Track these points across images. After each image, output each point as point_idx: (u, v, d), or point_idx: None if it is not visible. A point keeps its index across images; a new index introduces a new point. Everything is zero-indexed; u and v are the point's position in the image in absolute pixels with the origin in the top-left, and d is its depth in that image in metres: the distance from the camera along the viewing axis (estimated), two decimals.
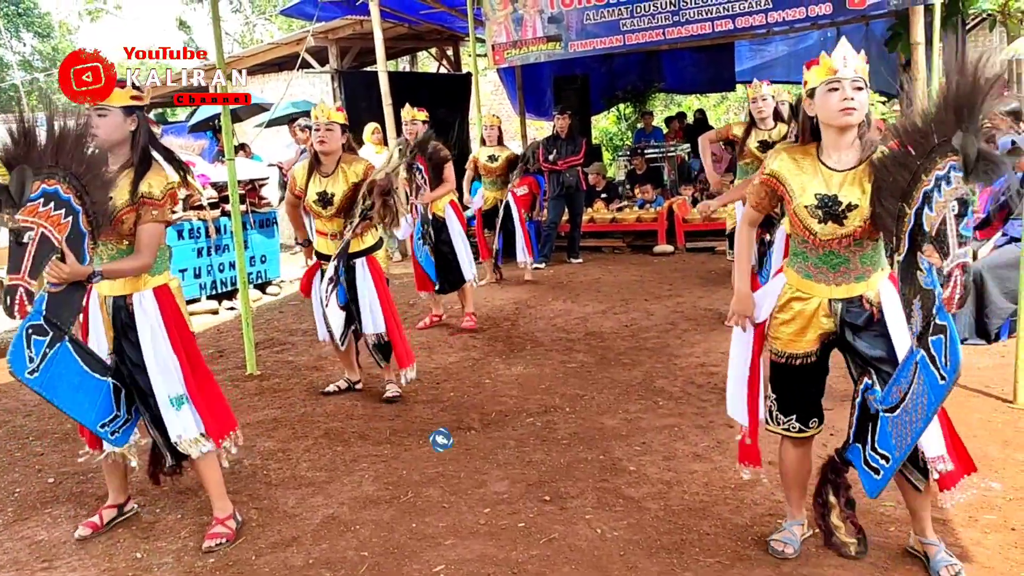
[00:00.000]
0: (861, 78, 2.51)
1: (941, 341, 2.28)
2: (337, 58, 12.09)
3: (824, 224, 2.56)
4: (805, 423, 2.80)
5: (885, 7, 7.82)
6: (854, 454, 2.67)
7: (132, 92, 3.05)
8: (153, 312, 3.08)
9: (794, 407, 2.80)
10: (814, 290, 2.67)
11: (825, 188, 2.57)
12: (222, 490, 3.29)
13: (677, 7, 8.71)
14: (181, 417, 3.08)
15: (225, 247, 8.07)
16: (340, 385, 5.03)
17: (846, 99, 2.49)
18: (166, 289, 3.15)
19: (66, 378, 2.89)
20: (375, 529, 3.23)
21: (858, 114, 2.50)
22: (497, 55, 9.93)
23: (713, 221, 9.66)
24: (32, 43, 29.78)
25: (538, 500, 3.40)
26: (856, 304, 2.63)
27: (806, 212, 2.59)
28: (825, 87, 2.54)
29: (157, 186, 3.02)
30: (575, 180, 9.28)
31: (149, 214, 3.00)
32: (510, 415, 4.47)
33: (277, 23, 26.07)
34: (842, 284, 2.63)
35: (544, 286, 8.18)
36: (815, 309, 2.68)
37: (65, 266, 2.75)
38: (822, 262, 2.64)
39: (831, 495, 2.82)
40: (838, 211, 2.53)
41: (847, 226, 2.54)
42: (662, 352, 5.54)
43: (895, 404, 2.45)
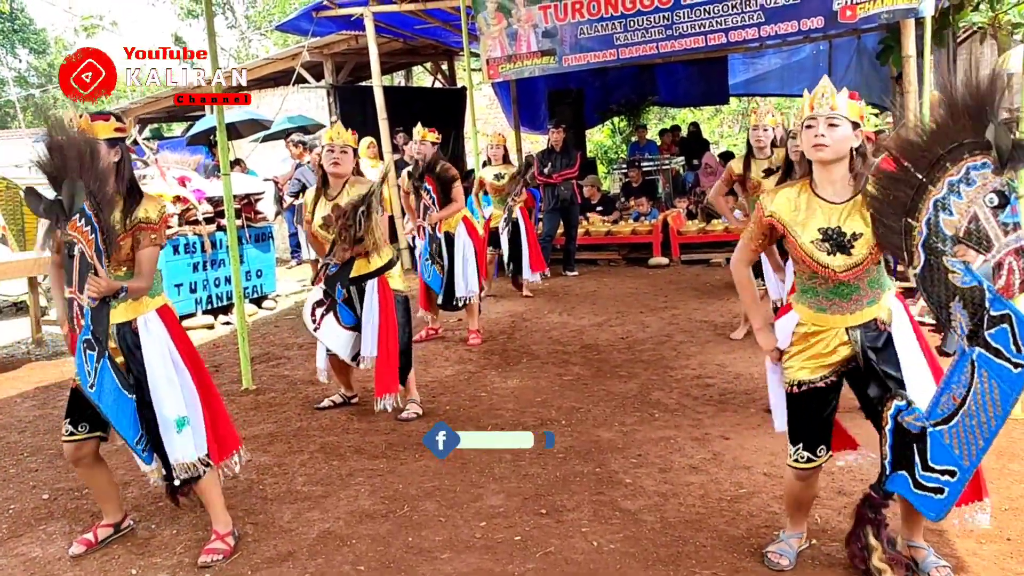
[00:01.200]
0: (838, 115, 2.54)
1: (1005, 331, 2.23)
2: (332, 73, 12.15)
3: (833, 256, 2.58)
4: (813, 451, 2.75)
5: (876, 21, 7.88)
6: (898, 484, 2.53)
7: (116, 124, 3.08)
8: (161, 333, 3.11)
9: (803, 434, 2.76)
10: (830, 322, 2.67)
11: (826, 221, 2.59)
12: (222, 507, 3.29)
13: (670, 21, 8.77)
14: (182, 439, 3.07)
15: (221, 262, 8.07)
16: (335, 400, 5.00)
17: (817, 136, 2.55)
18: (168, 309, 3.19)
19: (111, 393, 2.94)
20: (371, 543, 3.22)
21: (830, 150, 2.55)
22: (492, 69, 9.98)
23: (707, 234, 9.75)
24: (28, 59, 29.86)
25: (534, 513, 3.40)
26: (872, 328, 2.63)
27: (812, 247, 2.61)
28: (805, 123, 2.61)
29: (153, 211, 3.08)
30: (570, 193, 9.31)
31: (148, 238, 3.05)
32: (506, 428, 4.46)
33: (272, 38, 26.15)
34: (856, 312, 2.63)
35: (540, 299, 8.19)
36: (834, 339, 2.67)
37: (102, 280, 2.81)
38: (834, 294, 2.65)
39: (871, 537, 2.66)
40: (843, 241, 2.56)
41: (855, 256, 2.56)
42: (658, 364, 5.55)
43: (949, 414, 2.36)
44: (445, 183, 6.09)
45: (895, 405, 2.52)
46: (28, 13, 29.24)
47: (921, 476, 2.44)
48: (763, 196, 2.78)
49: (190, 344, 3.23)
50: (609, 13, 9.09)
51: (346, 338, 4.65)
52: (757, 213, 2.77)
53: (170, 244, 7.58)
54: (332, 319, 4.59)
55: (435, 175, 6.07)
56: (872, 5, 7.60)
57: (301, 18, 11.02)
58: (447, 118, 13.20)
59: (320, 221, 4.54)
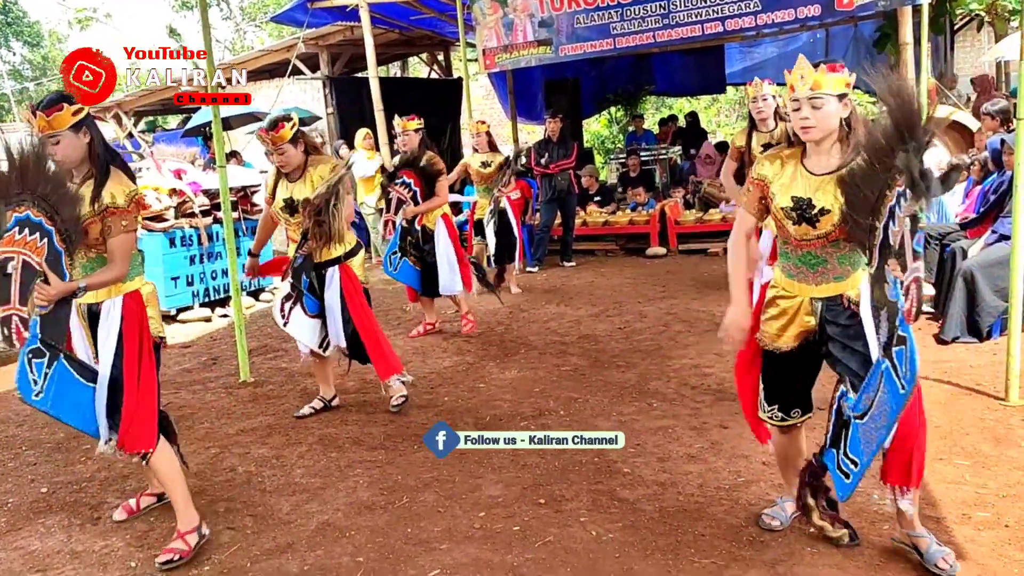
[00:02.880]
0: (821, 94, 2.54)
1: (902, 352, 2.40)
2: (328, 64, 12.10)
3: (798, 225, 2.64)
4: (787, 412, 2.87)
5: (873, 8, 7.87)
6: (829, 458, 2.75)
7: (72, 109, 2.98)
8: (115, 319, 3.05)
9: (776, 397, 2.87)
10: (796, 289, 2.75)
11: (802, 191, 2.64)
12: (184, 499, 3.21)
13: (667, 10, 8.75)
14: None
15: (218, 254, 8.06)
16: (315, 406, 4.78)
17: (802, 118, 2.58)
18: (136, 296, 3.12)
19: (68, 394, 2.94)
20: (370, 535, 3.23)
21: (817, 130, 2.58)
22: (488, 60, 9.96)
23: (704, 223, 9.74)
24: (22, 52, 29.76)
25: (533, 503, 3.40)
26: (836, 302, 2.69)
27: (783, 213, 2.68)
28: (790, 104, 2.65)
29: (120, 195, 2.99)
30: (567, 184, 9.29)
31: (118, 225, 2.98)
32: (504, 419, 4.47)
33: (267, 30, 26.07)
34: (822, 284, 2.69)
35: (537, 290, 8.18)
36: (798, 307, 2.74)
37: (51, 288, 2.81)
38: (801, 262, 2.71)
39: (809, 497, 2.87)
40: (811, 215, 2.61)
41: (819, 229, 2.61)
42: (656, 354, 5.55)
43: (864, 411, 2.54)
44: (430, 176, 5.92)
45: (841, 389, 2.70)
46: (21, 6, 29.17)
47: (841, 459, 2.67)
48: (758, 158, 2.86)
49: (146, 336, 3.11)
50: (605, 2, 9.07)
51: (311, 326, 4.54)
52: (748, 180, 2.83)
53: (166, 237, 7.58)
54: (299, 311, 4.47)
55: (418, 168, 5.88)
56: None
57: (296, 9, 10.98)
58: (443, 109, 13.17)
59: (282, 203, 4.40)
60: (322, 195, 4.21)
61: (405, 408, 4.72)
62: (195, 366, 6.11)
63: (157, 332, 3.19)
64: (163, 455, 3.20)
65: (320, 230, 4.26)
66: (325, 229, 4.26)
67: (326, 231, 4.27)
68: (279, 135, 4.24)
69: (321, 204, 4.22)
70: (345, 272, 4.47)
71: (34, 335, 2.84)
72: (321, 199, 4.21)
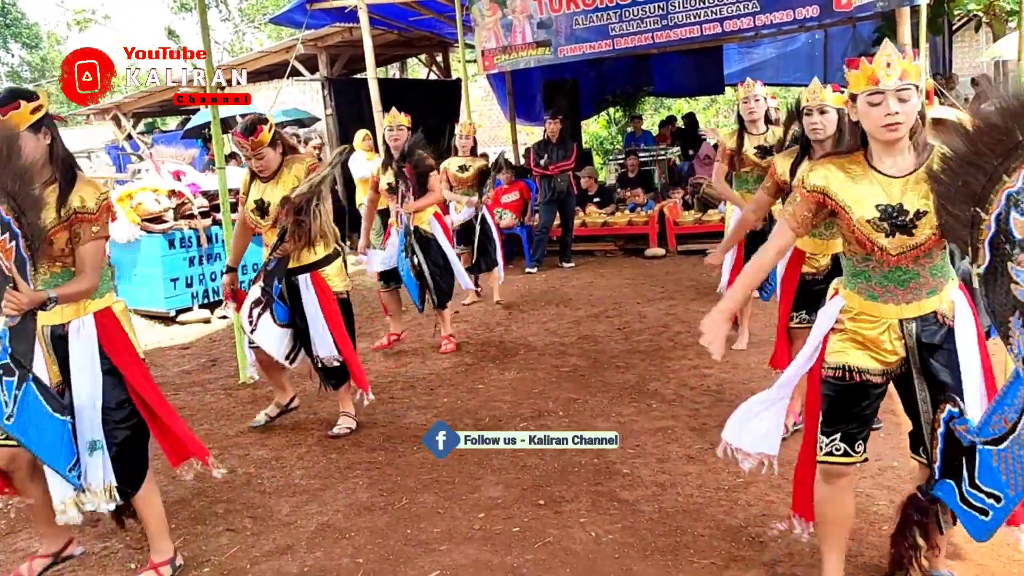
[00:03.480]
0: (910, 85, 2.21)
1: None
2: (327, 65, 12.10)
3: (891, 237, 2.27)
4: (852, 445, 2.43)
5: (872, 9, 7.88)
6: (945, 491, 2.31)
7: (30, 106, 2.66)
8: (90, 342, 2.75)
9: (843, 424, 2.43)
10: (882, 312, 2.38)
11: (886, 198, 2.28)
12: (162, 531, 3.00)
13: (665, 11, 8.75)
14: (92, 463, 2.74)
15: (217, 256, 8.05)
16: (270, 413, 4.56)
17: (889, 115, 2.22)
18: (108, 314, 2.81)
19: (35, 420, 2.58)
20: (370, 536, 3.23)
21: (905, 127, 2.24)
22: (487, 61, 9.96)
23: (703, 224, 9.74)
24: (20, 53, 29.77)
25: (532, 504, 3.40)
26: (931, 321, 2.35)
27: (869, 227, 2.29)
28: (866, 98, 2.26)
29: (90, 198, 2.69)
30: (566, 185, 9.30)
31: (89, 231, 2.68)
32: (504, 420, 4.47)
33: (266, 31, 26.08)
34: (913, 302, 2.35)
35: (536, 291, 8.19)
36: (883, 333, 2.39)
37: (22, 295, 2.45)
38: (888, 280, 2.35)
39: (918, 537, 2.52)
40: (905, 221, 2.25)
41: (917, 236, 2.26)
42: (655, 355, 5.55)
43: (1000, 436, 2.11)
44: (422, 173, 5.64)
45: (948, 410, 2.28)
46: (20, 7, 29.17)
47: (968, 492, 2.23)
48: (804, 167, 2.51)
49: (132, 356, 2.85)
50: (604, 3, 9.08)
51: (279, 336, 4.21)
52: (797, 191, 2.46)
53: (165, 239, 7.58)
54: (268, 318, 4.15)
55: (412, 163, 5.59)
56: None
57: (295, 10, 10.97)
58: (442, 110, 13.16)
59: (253, 205, 4.12)
60: (303, 194, 3.93)
61: (404, 409, 4.72)
62: (194, 367, 6.11)
63: (139, 353, 2.92)
64: (151, 487, 2.96)
65: (300, 230, 3.98)
66: (305, 229, 3.98)
67: (306, 231, 3.98)
68: (259, 140, 3.96)
69: (302, 203, 3.94)
70: (316, 281, 4.17)
71: (4, 348, 2.49)
72: (302, 198, 3.93)
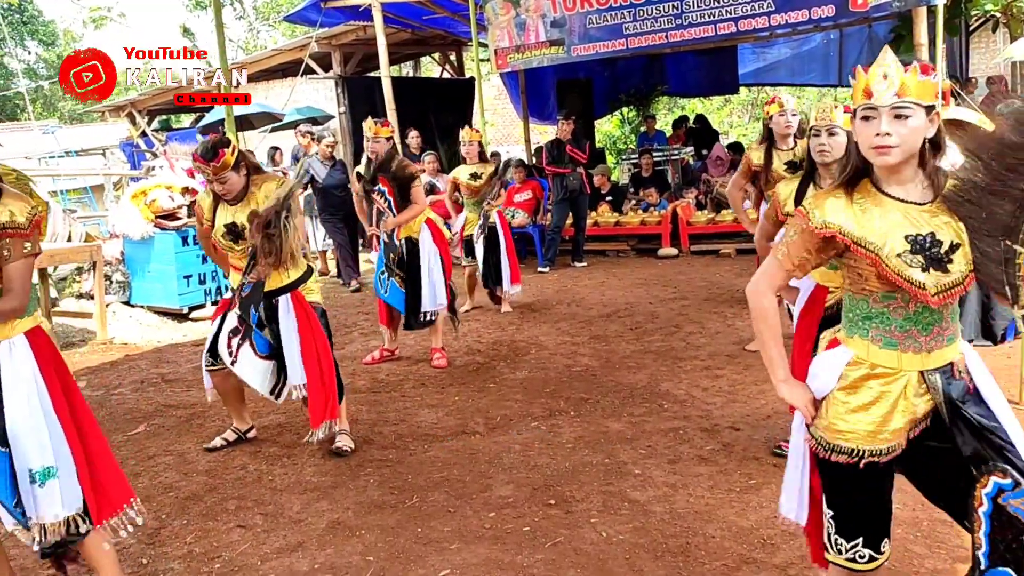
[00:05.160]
0: (908, 103, 1.87)
1: None
2: (340, 64, 12.13)
3: (927, 272, 1.90)
4: (876, 547, 2.06)
5: (888, 9, 7.83)
6: None
7: None
8: (27, 362, 2.51)
9: (861, 527, 2.06)
10: (903, 363, 1.99)
11: (913, 227, 1.93)
12: (117, 573, 2.74)
13: (680, 10, 8.73)
14: (45, 493, 2.49)
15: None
16: (228, 437, 4.32)
17: (878, 135, 1.89)
18: (39, 332, 2.59)
19: None
20: (380, 534, 3.23)
21: (898, 151, 1.89)
22: (500, 60, 9.96)
23: (716, 224, 9.71)
24: (37, 51, 29.96)
25: (543, 504, 3.40)
26: (948, 373, 1.99)
27: (902, 262, 1.91)
28: (860, 112, 1.95)
29: (20, 213, 2.45)
30: (579, 184, 9.28)
31: (19, 247, 2.45)
32: (515, 419, 4.46)
33: (280, 29, 26.15)
34: (935, 350, 1.98)
35: (548, 290, 8.18)
36: (903, 388, 2.00)
37: None
38: (912, 323, 1.98)
39: None
40: (940, 254, 1.90)
41: (952, 272, 1.91)
42: (667, 355, 5.54)
43: None
44: (403, 183, 5.29)
45: (994, 483, 1.87)
46: (36, 5, 29.34)
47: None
48: (807, 202, 2.06)
49: (67, 375, 2.64)
50: (618, 2, 9.06)
51: (263, 369, 3.94)
52: (799, 226, 2.04)
53: (179, 235, 7.62)
54: (248, 349, 3.86)
55: (390, 174, 5.28)
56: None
57: (309, 9, 11.01)
58: (455, 109, 13.18)
59: (223, 230, 3.88)
60: (271, 208, 3.68)
61: (415, 408, 4.73)
62: None
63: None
64: (99, 538, 2.68)
65: (270, 245, 3.68)
66: (276, 244, 3.68)
67: (276, 247, 3.69)
68: (220, 164, 3.72)
69: (271, 216, 3.67)
70: (298, 301, 3.93)
71: None
72: (270, 212, 3.67)
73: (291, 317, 3.90)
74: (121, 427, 4.71)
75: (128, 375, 5.91)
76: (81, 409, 2.65)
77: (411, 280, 5.45)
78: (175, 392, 5.42)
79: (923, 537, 2.89)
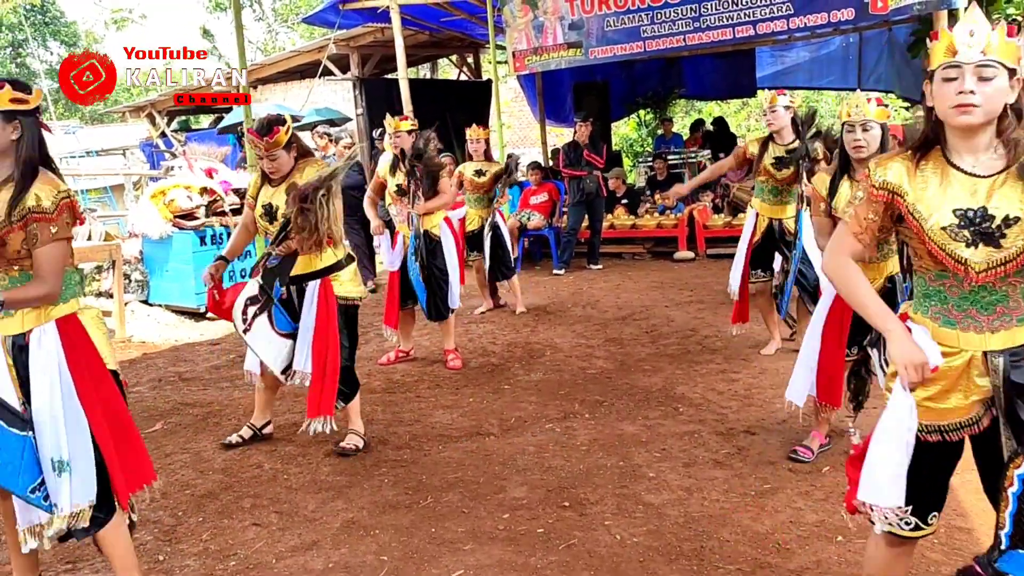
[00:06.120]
0: (994, 61, 1.85)
1: None
2: (358, 65, 12.17)
3: (974, 248, 1.89)
4: (924, 517, 2.07)
5: (908, 12, 7.78)
6: (1015, 565, 1.92)
7: (12, 95, 2.47)
8: (53, 353, 2.52)
9: (915, 495, 2.03)
10: (961, 341, 1.98)
11: (967, 200, 1.91)
12: (131, 564, 2.75)
13: (698, 13, 8.71)
14: (59, 485, 2.50)
15: (247, 253, 8.11)
16: (243, 434, 4.31)
17: (962, 93, 1.86)
18: (73, 320, 2.58)
19: None
20: (394, 534, 3.24)
21: (981, 112, 1.86)
22: (518, 62, 9.97)
23: (734, 227, 9.66)
24: (59, 52, 30.21)
25: (557, 506, 3.40)
26: (1021, 355, 1.93)
27: (945, 235, 1.92)
28: (942, 72, 1.90)
29: (46, 197, 2.46)
30: (595, 186, 9.27)
31: (46, 232, 2.45)
32: (529, 421, 4.46)
33: (299, 31, 26.27)
34: (1000, 330, 1.94)
35: (564, 292, 8.17)
36: (965, 366, 1.98)
37: None
38: (969, 303, 1.96)
39: None
40: (991, 228, 1.88)
41: (1006, 248, 1.87)
42: (682, 359, 5.52)
43: None
44: (433, 173, 5.43)
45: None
46: (59, 6, 29.61)
47: None
48: (874, 162, 2.07)
49: (100, 365, 2.63)
50: (636, 5, 9.05)
51: (279, 346, 3.96)
52: (864, 186, 2.05)
53: (197, 235, 7.67)
54: (265, 322, 3.89)
55: (424, 162, 5.38)
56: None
57: (327, 11, 11.06)
58: (473, 111, 13.18)
59: (261, 210, 3.96)
60: (311, 183, 3.70)
61: (429, 408, 4.74)
62: (223, 363, 6.17)
63: (109, 364, 2.68)
64: (118, 527, 2.70)
65: (304, 220, 3.66)
66: (311, 220, 3.66)
67: (311, 223, 3.67)
68: (274, 140, 3.80)
69: (309, 191, 3.66)
70: (324, 291, 3.93)
71: None
72: (309, 187, 3.68)
73: (313, 306, 3.92)
74: (138, 425, 4.65)
75: (146, 373, 5.96)
76: (111, 398, 2.65)
77: (429, 276, 5.51)
78: (192, 391, 5.46)
79: (940, 544, 2.87)
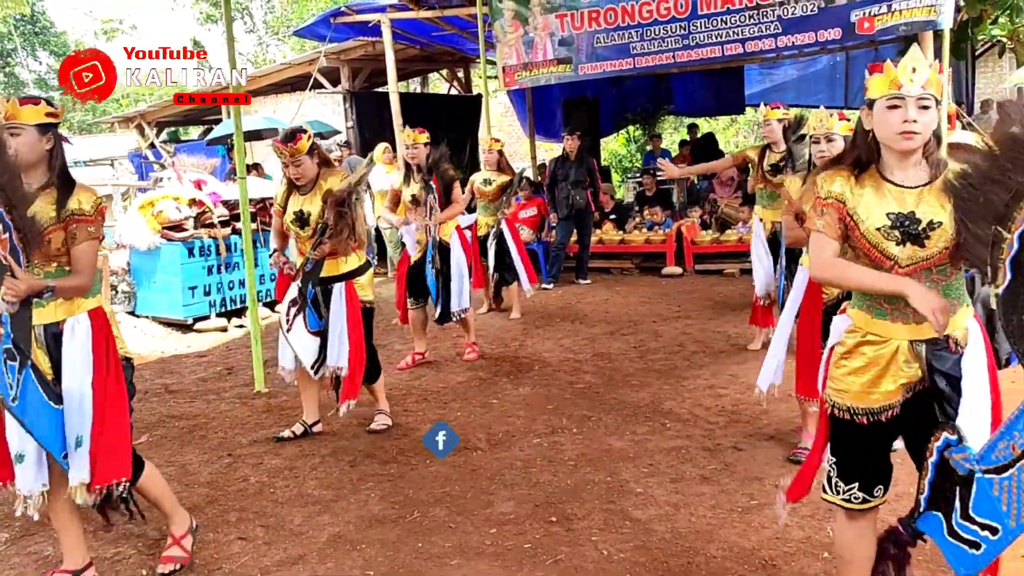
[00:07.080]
0: (930, 95, 2.15)
1: None
2: (349, 79, 12.20)
3: (902, 246, 2.18)
4: (870, 491, 2.34)
5: (894, 33, 7.85)
6: (930, 525, 2.18)
7: (47, 109, 2.81)
8: (85, 339, 2.83)
9: (858, 473, 2.34)
10: (891, 331, 2.25)
11: (897, 207, 2.20)
12: (174, 502, 3.20)
13: (687, 31, 8.76)
14: (79, 456, 2.80)
15: (235, 265, 8.11)
16: (295, 430, 4.57)
17: (907, 121, 2.14)
18: (101, 313, 2.91)
19: (34, 405, 2.70)
20: (381, 548, 3.23)
21: (920, 137, 2.16)
22: (508, 77, 9.99)
23: (721, 244, 9.72)
24: (48, 62, 30.14)
25: (544, 521, 3.39)
26: (942, 346, 2.22)
27: (879, 235, 2.21)
28: (885, 102, 2.19)
29: (86, 201, 2.82)
30: (584, 201, 9.31)
31: (85, 231, 2.79)
32: (517, 435, 4.46)
33: (290, 43, 26.31)
34: (925, 322, 2.13)
35: (552, 307, 8.18)
36: (893, 354, 2.26)
37: (21, 282, 2.56)
38: (897, 296, 2.18)
39: (892, 572, 2.42)
40: (917, 230, 2.17)
41: (929, 247, 2.16)
42: (670, 374, 5.53)
43: (1005, 463, 1.98)
44: (447, 183, 5.74)
45: (944, 438, 2.13)
46: (49, 16, 29.58)
47: (957, 524, 2.11)
48: (820, 177, 2.34)
49: (115, 357, 2.92)
50: (626, 22, 9.09)
51: (308, 343, 4.32)
52: (817, 202, 2.32)
53: (185, 247, 7.64)
54: (301, 322, 4.29)
55: (439, 173, 5.69)
56: (890, 17, 7.57)
57: (319, 24, 11.10)
58: (463, 125, 13.24)
59: (292, 216, 4.30)
60: (344, 188, 4.14)
61: (417, 422, 4.73)
62: (210, 376, 6.14)
63: (123, 352, 3.01)
64: (152, 477, 3.11)
65: (343, 222, 4.13)
66: (348, 221, 4.14)
67: (348, 223, 4.14)
68: (297, 147, 4.16)
69: (344, 196, 4.12)
70: (350, 292, 4.32)
71: (7, 333, 2.60)
72: (344, 191, 4.13)
73: (342, 306, 4.29)
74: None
75: None
76: (115, 387, 2.89)
77: (443, 280, 5.83)
78: (178, 403, 5.43)
79: (925, 561, 2.88)
